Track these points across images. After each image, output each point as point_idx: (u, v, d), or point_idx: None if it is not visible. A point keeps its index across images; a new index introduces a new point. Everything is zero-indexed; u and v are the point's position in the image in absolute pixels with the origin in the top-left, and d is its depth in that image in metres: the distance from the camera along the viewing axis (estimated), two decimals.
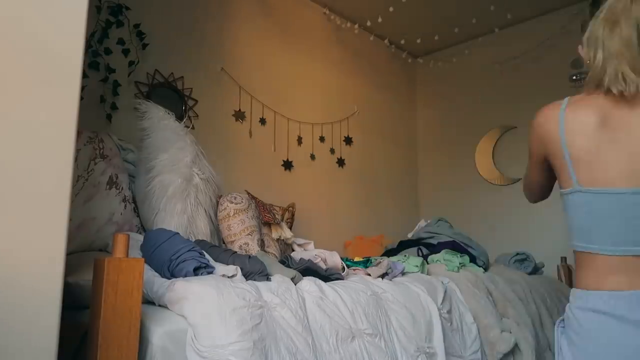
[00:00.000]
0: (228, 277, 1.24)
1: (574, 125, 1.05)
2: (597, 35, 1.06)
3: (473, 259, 2.24)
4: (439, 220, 2.62)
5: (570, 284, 2.80)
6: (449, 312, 1.72)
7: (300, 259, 1.61)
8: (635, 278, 0.97)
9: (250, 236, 1.89)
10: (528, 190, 1.28)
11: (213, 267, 1.26)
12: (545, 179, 1.18)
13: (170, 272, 1.22)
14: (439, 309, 1.66)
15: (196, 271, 1.22)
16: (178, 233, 1.32)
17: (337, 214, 3.32)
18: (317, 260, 1.59)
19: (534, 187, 1.23)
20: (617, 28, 1.03)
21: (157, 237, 1.29)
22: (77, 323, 1.02)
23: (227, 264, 1.28)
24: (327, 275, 1.54)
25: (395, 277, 1.73)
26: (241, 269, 1.31)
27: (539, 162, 1.15)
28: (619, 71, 1.00)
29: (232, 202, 1.94)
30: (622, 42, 1.02)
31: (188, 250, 1.24)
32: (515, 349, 1.88)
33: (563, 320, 1.10)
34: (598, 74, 1.05)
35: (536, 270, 2.66)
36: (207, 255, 1.29)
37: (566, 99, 1.11)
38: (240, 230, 1.89)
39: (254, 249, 1.86)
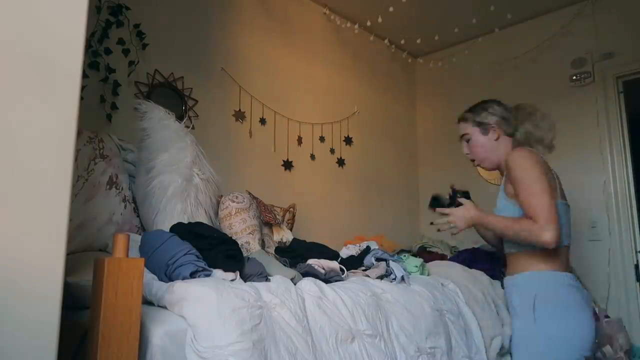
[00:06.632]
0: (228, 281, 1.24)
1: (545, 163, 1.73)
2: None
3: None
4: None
5: None
6: (451, 312, 1.72)
7: (299, 264, 1.61)
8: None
9: (251, 235, 1.89)
10: (554, 222, 1.58)
11: (210, 271, 1.25)
12: None
13: (167, 276, 1.22)
14: (439, 310, 1.66)
15: (193, 275, 1.22)
16: (174, 235, 1.32)
17: (337, 214, 3.32)
18: (316, 266, 1.59)
19: (554, 212, 1.58)
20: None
21: (153, 240, 1.29)
22: (77, 323, 1.02)
23: (225, 270, 1.28)
24: (326, 279, 1.53)
25: (399, 282, 1.71)
26: (240, 272, 1.30)
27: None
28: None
29: (233, 201, 1.94)
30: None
31: (184, 254, 1.23)
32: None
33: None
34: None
35: None
36: (203, 263, 1.29)
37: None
38: (241, 229, 1.89)
39: (255, 248, 1.85)
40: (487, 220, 1.73)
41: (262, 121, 2.94)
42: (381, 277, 1.70)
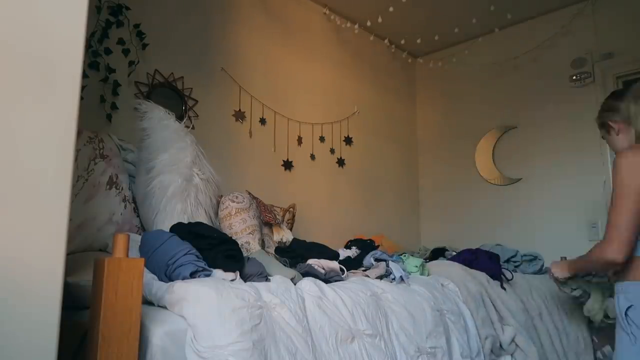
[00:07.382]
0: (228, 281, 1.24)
1: None
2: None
3: None
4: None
5: None
6: (452, 312, 1.72)
7: (299, 264, 1.61)
8: None
9: (251, 235, 1.89)
10: (623, 246, 1.46)
11: (210, 271, 1.25)
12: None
13: (167, 276, 1.22)
14: (439, 310, 1.66)
15: (193, 275, 1.22)
16: (174, 235, 1.32)
17: (337, 214, 3.32)
18: (316, 266, 1.59)
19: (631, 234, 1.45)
20: None
21: (153, 240, 1.28)
22: (77, 323, 1.02)
23: (225, 270, 1.28)
24: (326, 279, 1.53)
25: (399, 282, 1.71)
26: (240, 272, 1.30)
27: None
28: None
29: (233, 201, 1.94)
30: None
31: (184, 254, 1.23)
32: (515, 349, 1.88)
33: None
34: None
35: (542, 270, 2.66)
36: (203, 263, 1.29)
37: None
38: (241, 229, 1.89)
39: (255, 248, 1.85)
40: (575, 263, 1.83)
41: (262, 121, 2.94)
42: (381, 277, 1.70)
